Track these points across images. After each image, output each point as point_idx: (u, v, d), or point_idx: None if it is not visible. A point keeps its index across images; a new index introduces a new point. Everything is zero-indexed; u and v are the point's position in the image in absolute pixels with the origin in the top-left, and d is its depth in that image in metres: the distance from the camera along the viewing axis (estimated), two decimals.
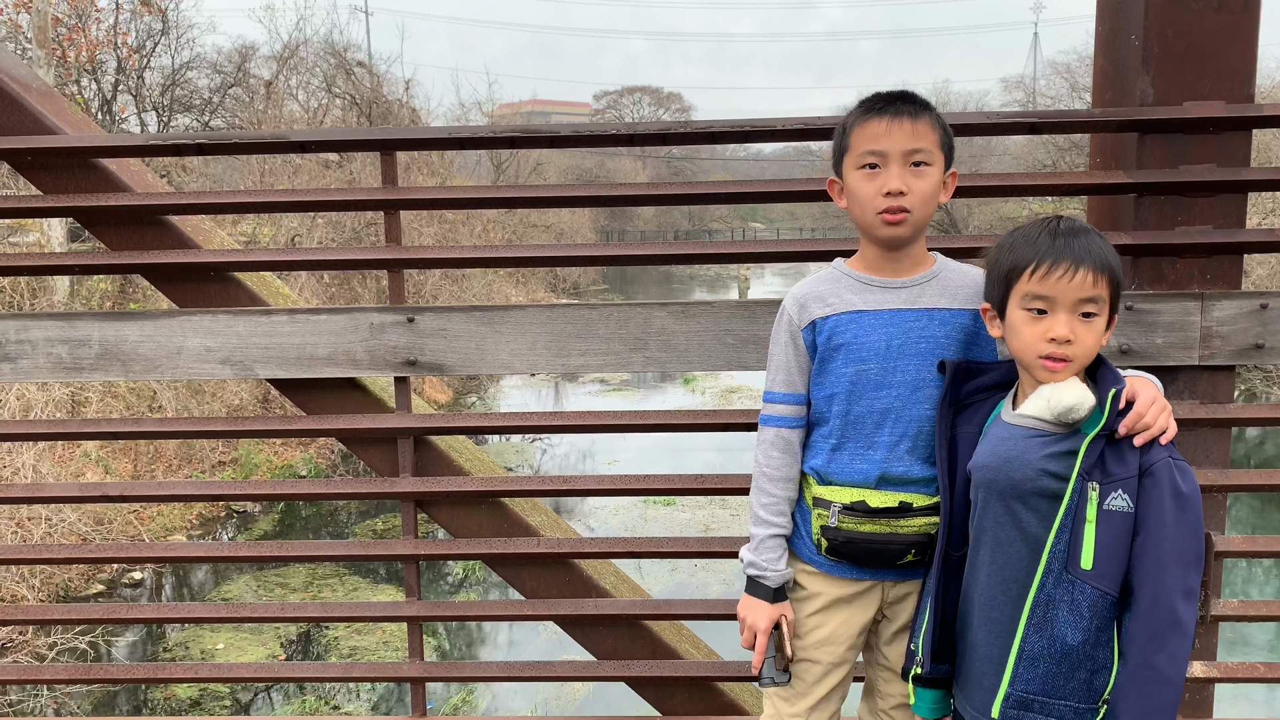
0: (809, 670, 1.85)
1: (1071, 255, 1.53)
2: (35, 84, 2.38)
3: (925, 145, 1.69)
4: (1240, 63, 2.11)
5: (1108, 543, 1.50)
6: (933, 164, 1.70)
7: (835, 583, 1.82)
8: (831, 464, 1.77)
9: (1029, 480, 1.55)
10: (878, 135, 1.69)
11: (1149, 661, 1.49)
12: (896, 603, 1.83)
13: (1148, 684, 1.49)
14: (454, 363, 2.26)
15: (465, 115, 32.51)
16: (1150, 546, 1.50)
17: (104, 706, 7.67)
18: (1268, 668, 2.30)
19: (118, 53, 19.76)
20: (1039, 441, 1.56)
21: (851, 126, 1.74)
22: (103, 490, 2.46)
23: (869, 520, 1.73)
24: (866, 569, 1.79)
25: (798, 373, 1.81)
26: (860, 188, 1.72)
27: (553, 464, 14.74)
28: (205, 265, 2.34)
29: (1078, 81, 29.99)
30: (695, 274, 40.35)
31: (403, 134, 2.28)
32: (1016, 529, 1.57)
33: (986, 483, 1.61)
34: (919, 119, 1.69)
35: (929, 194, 1.70)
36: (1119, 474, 1.51)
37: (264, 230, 16.34)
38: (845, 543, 1.74)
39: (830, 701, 1.86)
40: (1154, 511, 1.51)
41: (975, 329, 1.76)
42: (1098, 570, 1.51)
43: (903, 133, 1.68)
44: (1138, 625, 1.51)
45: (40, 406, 10.95)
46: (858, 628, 1.84)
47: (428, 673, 2.43)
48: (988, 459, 1.62)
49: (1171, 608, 1.49)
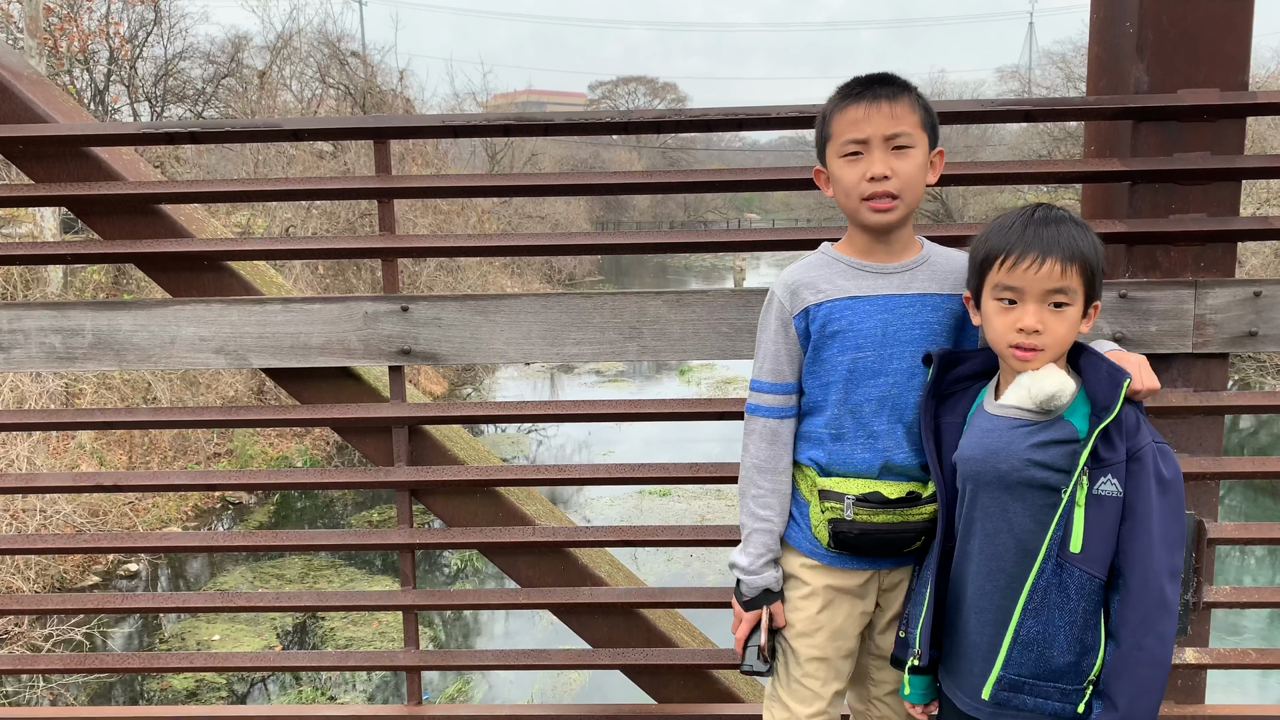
0: (820, 668, 1.82)
1: (1040, 246, 1.53)
2: (26, 72, 2.37)
3: (905, 128, 1.66)
4: (1235, 50, 2.11)
5: (1097, 527, 1.52)
6: (915, 145, 1.68)
7: (838, 574, 1.80)
8: (833, 455, 1.75)
9: (1016, 471, 1.56)
10: (857, 121, 1.67)
11: (1140, 643, 1.52)
12: (890, 590, 1.83)
13: (1139, 665, 1.52)
14: (448, 352, 2.26)
15: (460, 105, 32.43)
16: (1139, 530, 1.52)
17: (100, 697, 7.68)
18: (1260, 654, 2.31)
19: (110, 43, 19.66)
20: (1024, 432, 1.57)
21: (831, 114, 1.72)
22: (96, 480, 2.46)
23: (884, 511, 1.71)
24: (866, 559, 1.78)
25: (786, 362, 1.78)
26: (844, 175, 1.69)
27: (549, 455, 14.75)
28: (198, 255, 2.33)
29: (1073, 71, 29.96)
30: (690, 264, 40.32)
31: (396, 122, 2.28)
32: (1005, 520, 1.58)
33: (974, 475, 1.61)
34: (897, 101, 1.66)
35: (914, 176, 1.68)
36: (1108, 459, 1.52)
37: (258, 221, 16.29)
38: (860, 535, 1.71)
39: (841, 697, 1.86)
40: (1141, 496, 1.52)
41: (965, 314, 1.75)
42: (1086, 554, 1.52)
43: (882, 116, 1.65)
44: (1128, 608, 1.53)
45: (35, 398, 10.93)
46: (862, 618, 1.83)
47: (423, 661, 2.44)
48: (973, 451, 1.62)
49: (1160, 590, 1.51)
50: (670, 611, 2.53)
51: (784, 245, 2.34)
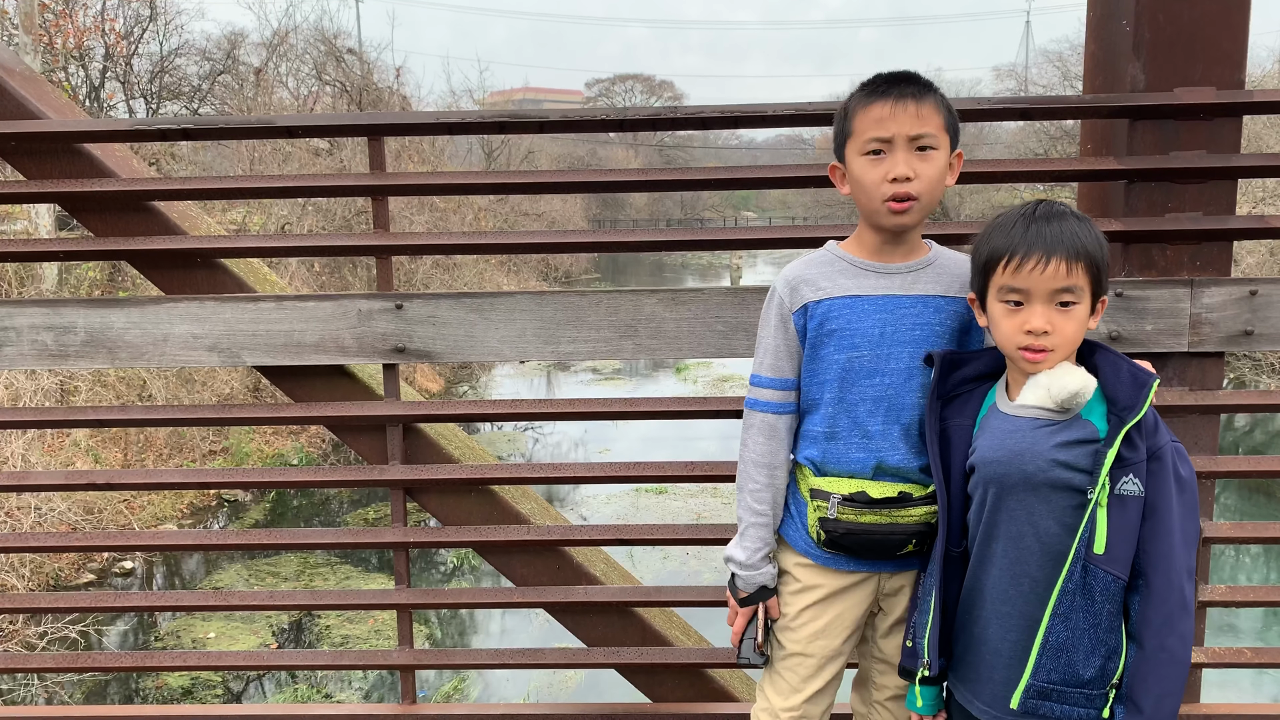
0: (802, 664, 1.81)
1: (1043, 246, 1.51)
2: (18, 68, 2.35)
3: (930, 129, 1.63)
4: (1231, 48, 2.10)
5: (1120, 527, 1.49)
6: (939, 147, 1.65)
7: (830, 575, 1.79)
8: (827, 454, 1.74)
9: (1041, 472, 1.53)
10: (882, 119, 1.63)
11: (1164, 644, 1.50)
12: (892, 595, 1.81)
13: (1163, 666, 1.50)
14: (443, 350, 2.25)
15: (456, 103, 32.39)
16: (1161, 530, 1.50)
17: (95, 695, 7.66)
18: (1255, 653, 2.31)
19: (105, 39, 19.59)
20: (1047, 431, 1.54)
21: (854, 110, 1.67)
22: (90, 478, 2.45)
23: (869, 511, 1.69)
24: (863, 561, 1.76)
25: (786, 357, 1.77)
26: (865, 174, 1.66)
27: (544, 453, 14.73)
28: (192, 252, 2.32)
29: (1069, 70, 29.97)
30: (687, 263, 40.29)
31: (390, 118, 2.26)
32: (1030, 523, 1.55)
33: (997, 478, 1.57)
34: (923, 101, 1.63)
35: (935, 179, 1.65)
36: (1130, 459, 1.50)
37: (254, 219, 16.26)
38: (845, 534, 1.70)
39: (824, 695, 1.84)
40: (1163, 495, 1.50)
41: (969, 317, 1.73)
42: (1110, 555, 1.49)
43: (908, 116, 1.62)
44: (1151, 609, 1.50)
45: (29, 395, 10.90)
46: (852, 621, 1.81)
47: (417, 660, 2.43)
48: (995, 453, 1.58)
49: (1181, 590, 1.50)
50: (665, 610, 2.53)
51: (780, 244, 2.33)
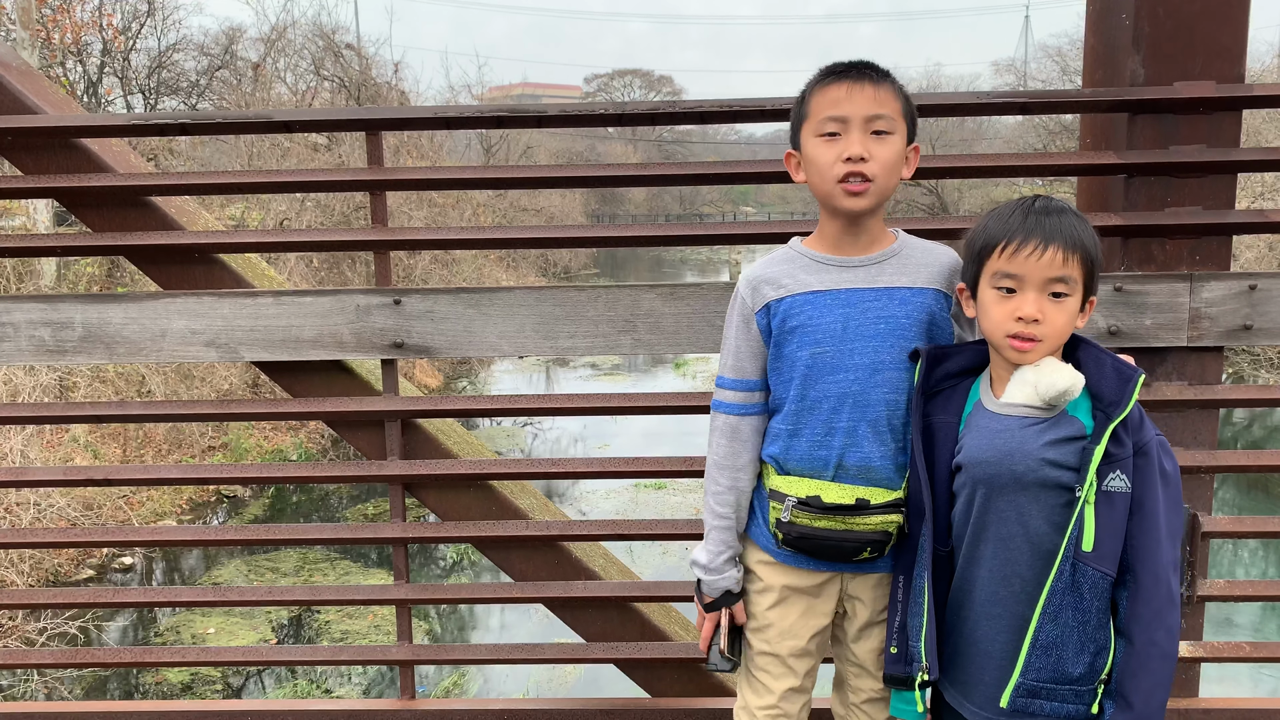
0: (772, 663, 1.81)
1: (1042, 233, 1.51)
2: (15, 63, 2.35)
3: (887, 112, 1.63)
4: (1231, 42, 2.10)
5: (1108, 524, 1.49)
6: (895, 132, 1.64)
7: (792, 573, 1.78)
8: (790, 451, 1.72)
9: (1031, 472, 1.52)
10: (838, 100, 1.63)
11: (1153, 639, 1.50)
12: (857, 598, 1.79)
13: (1152, 660, 1.50)
14: (441, 345, 2.25)
15: (454, 98, 32.31)
16: (1149, 525, 1.50)
17: (95, 691, 7.66)
18: (1253, 647, 2.31)
19: (103, 34, 19.55)
20: (1035, 430, 1.54)
21: (810, 93, 1.68)
22: (88, 474, 2.44)
23: (824, 516, 1.67)
24: (822, 561, 1.75)
25: (748, 358, 1.76)
26: (820, 155, 1.65)
27: (544, 448, 14.73)
28: (189, 247, 2.32)
29: (1068, 65, 29.92)
30: (686, 258, 40.28)
31: (388, 113, 2.26)
32: (1019, 523, 1.55)
33: (987, 479, 1.56)
34: (880, 85, 1.64)
35: (891, 162, 1.64)
36: (1117, 455, 1.49)
37: (252, 214, 16.24)
38: (799, 538, 1.69)
39: (799, 693, 1.83)
40: (1149, 490, 1.50)
41: (935, 309, 1.70)
42: (1099, 552, 1.49)
43: (864, 98, 1.62)
44: (1140, 603, 1.50)
45: (28, 391, 10.89)
46: (818, 620, 1.80)
47: (416, 656, 2.43)
48: (985, 453, 1.57)
49: (1169, 584, 1.50)
50: (664, 605, 2.53)
51: (779, 238, 2.32)
